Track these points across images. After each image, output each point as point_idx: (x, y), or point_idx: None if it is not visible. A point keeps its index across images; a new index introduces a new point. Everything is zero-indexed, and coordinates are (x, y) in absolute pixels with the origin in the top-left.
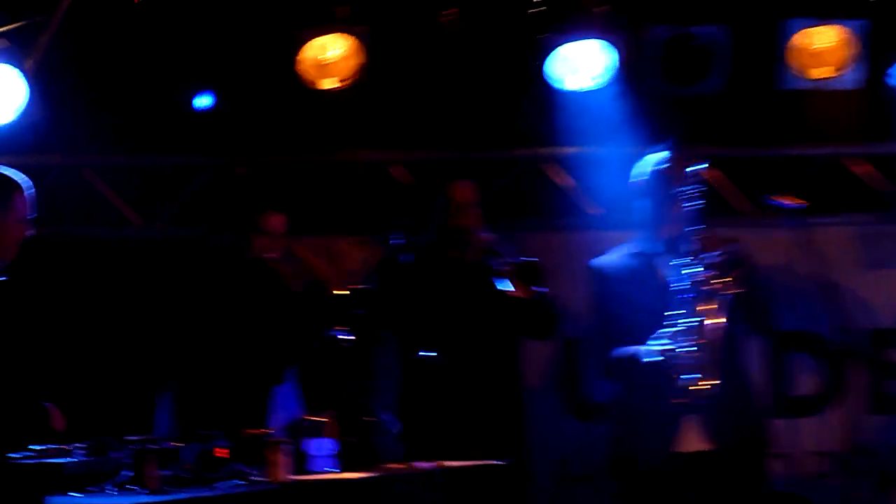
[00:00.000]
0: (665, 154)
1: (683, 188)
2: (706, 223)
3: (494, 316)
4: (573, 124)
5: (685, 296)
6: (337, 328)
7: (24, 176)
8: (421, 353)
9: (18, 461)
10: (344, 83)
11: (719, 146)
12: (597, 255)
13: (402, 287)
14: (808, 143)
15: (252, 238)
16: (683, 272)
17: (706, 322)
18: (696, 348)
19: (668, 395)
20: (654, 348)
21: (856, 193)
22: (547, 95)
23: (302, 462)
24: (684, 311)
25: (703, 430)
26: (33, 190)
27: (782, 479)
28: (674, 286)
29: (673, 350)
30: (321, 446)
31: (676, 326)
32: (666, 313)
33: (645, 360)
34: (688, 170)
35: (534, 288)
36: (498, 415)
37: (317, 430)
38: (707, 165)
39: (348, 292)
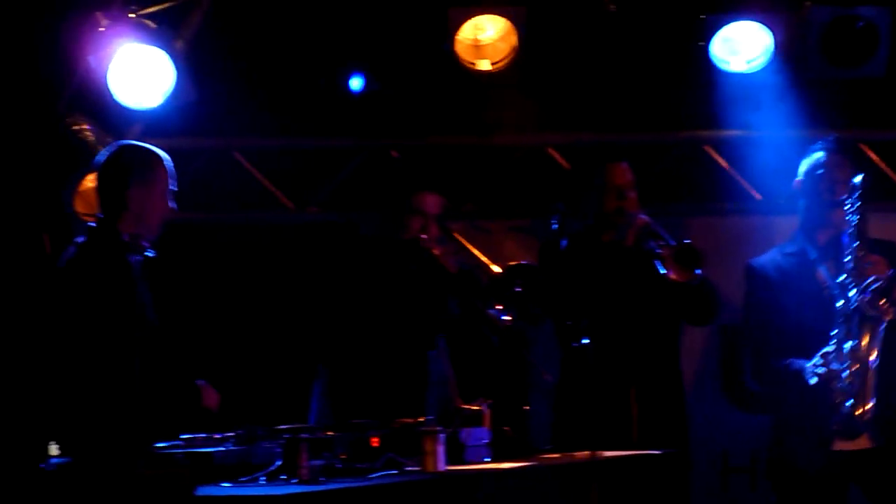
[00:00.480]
0: (823, 155)
1: (844, 197)
2: (866, 236)
3: (654, 301)
4: (735, 107)
5: (847, 315)
6: (495, 308)
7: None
8: (579, 342)
9: (169, 450)
10: (498, 65)
11: (882, 129)
12: (756, 241)
13: (560, 272)
14: None
15: (406, 218)
16: (848, 291)
17: (864, 346)
18: (855, 372)
19: (827, 419)
20: (817, 369)
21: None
22: (708, 77)
23: (457, 452)
24: (846, 331)
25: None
26: (172, 163)
27: None
28: (836, 302)
29: (836, 374)
30: (476, 436)
31: (838, 346)
32: (825, 327)
33: (809, 380)
34: (852, 180)
35: (694, 272)
36: (658, 404)
37: (471, 419)
38: (863, 177)
39: (505, 270)
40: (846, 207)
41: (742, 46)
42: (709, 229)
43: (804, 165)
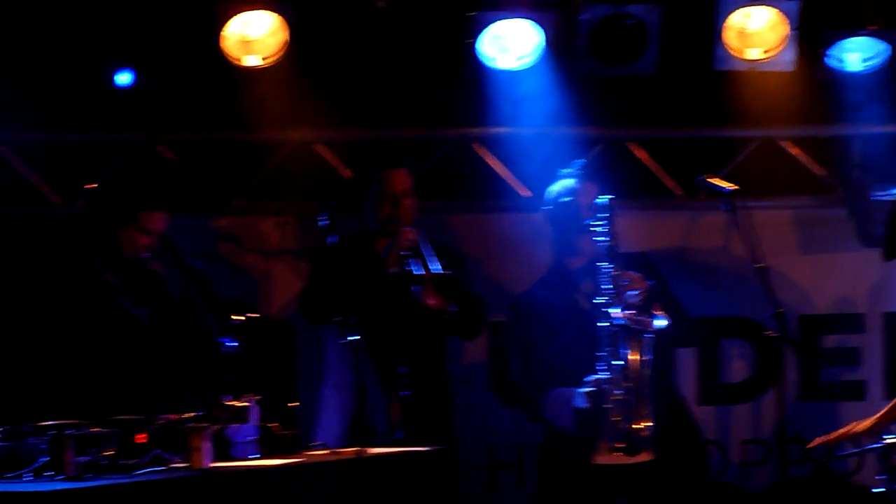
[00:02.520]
0: (569, 181)
1: (591, 221)
2: (618, 254)
3: (416, 316)
4: (504, 104)
5: (612, 334)
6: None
7: None
8: (347, 339)
9: None
10: (269, 61)
11: (652, 127)
12: (524, 238)
13: (326, 269)
14: (743, 125)
15: (130, 234)
16: (609, 311)
17: (634, 362)
18: (625, 390)
19: (604, 438)
20: (586, 392)
21: (792, 177)
22: (477, 74)
23: (224, 448)
24: (613, 351)
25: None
26: None
27: (714, 467)
28: (599, 323)
29: (604, 390)
30: (243, 432)
31: (605, 367)
32: (593, 351)
33: (579, 405)
34: (596, 201)
35: (450, 306)
36: (424, 402)
37: (239, 416)
38: (611, 198)
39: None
40: (595, 229)
41: (512, 44)
42: (478, 226)
43: (551, 193)
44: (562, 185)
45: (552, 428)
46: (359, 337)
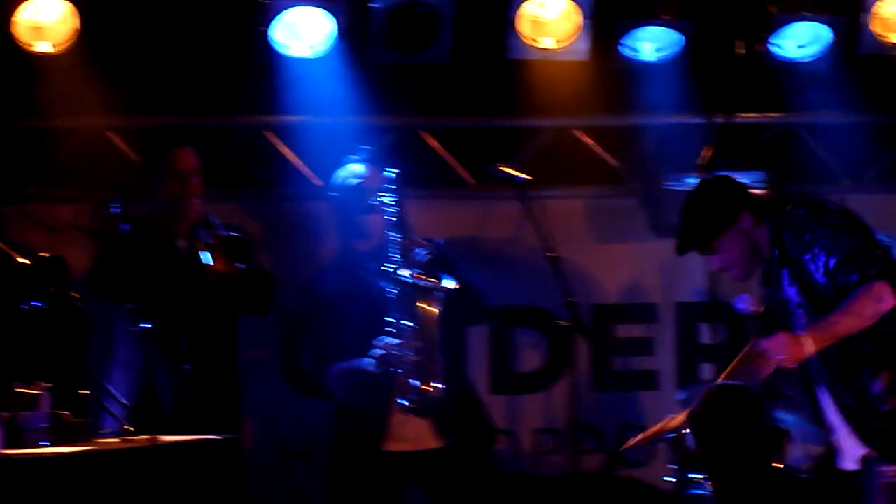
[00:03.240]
0: (358, 168)
1: (379, 200)
2: (408, 227)
3: (205, 291)
4: (297, 92)
5: (399, 299)
6: (30, 299)
7: None
8: (139, 326)
9: None
10: (59, 48)
11: (445, 116)
12: (316, 226)
13: (119, 257)
14: (536, 115)
15: None
16: (394, 277)
17: (423, 320)
18: (416, 350)
19: (394, 399)
20: (374, 356)
21: (585, 166)
22: (270, 62)
23: (16, 436)
24: (400, 315)
25: (427, 427)
26: None
27: (505, 457)
28: (387, 293)
29: (394, 354)
30: (34, 420)
31: (394, 331)
32: (381, 327)
33: (366, 369)
34: (383, 179)
35: (237, 264)
36: (212, 384)
37: (30, 403)
38: (398, 172)
39: (32, 262)
40: (383, 204)
41: (304, 32)
42: (270, 214)
43: (338, 178)
44: (348, 169)
45: (343, 412)
46: (150, 325)
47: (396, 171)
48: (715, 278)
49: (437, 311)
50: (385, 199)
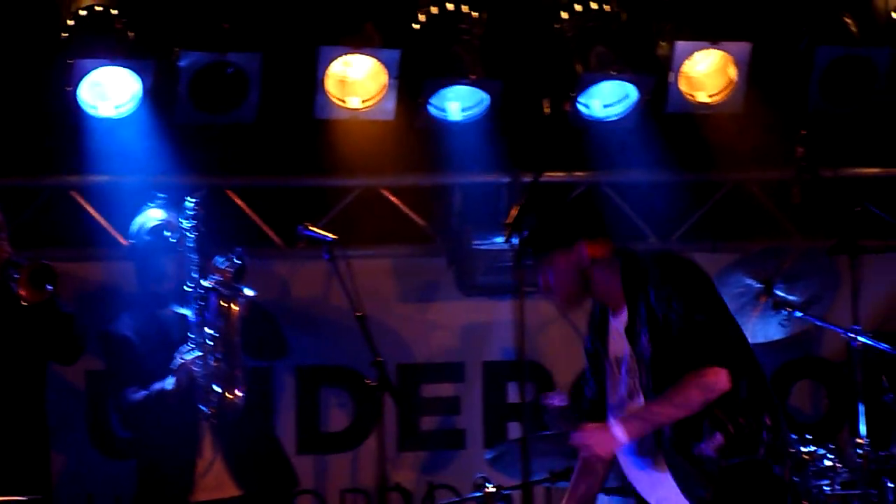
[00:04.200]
0: (155, 213)
1: (181, 238)
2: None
3: (14, 335)
4: (104, 152)
5: (199, 312)
6: None
7: None
8: None
9: None
10: None
11: (252, 175)
12: (122, 284)
13: None
14: (343, 174)
15: None
16: (195, 291)
17: (225, 326)
18: (216, 358)
19: (193, 413)
20: (173, 368)
21: (392, 225)
22: (78, 122)
23: None
24: (202, 321)
25: (228, 476)
26: None
27: None
28: (189, 321)
29: (194, 364)
30: None
31: (198, 338)
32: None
33: (163, 389)
34: (185, 203)
35: (45, 293)
36: (20, 448)
37: None
38: (197, 200)
39: None
40: (184, 226)
41: (110, 91)
42: (81, 274)
43: (135, 226)
44: (145, 215)
45: (147, 464)
46: None
47: (195, 199)
48: (522, 337)
49: (237, 309)
50: (184, 225)
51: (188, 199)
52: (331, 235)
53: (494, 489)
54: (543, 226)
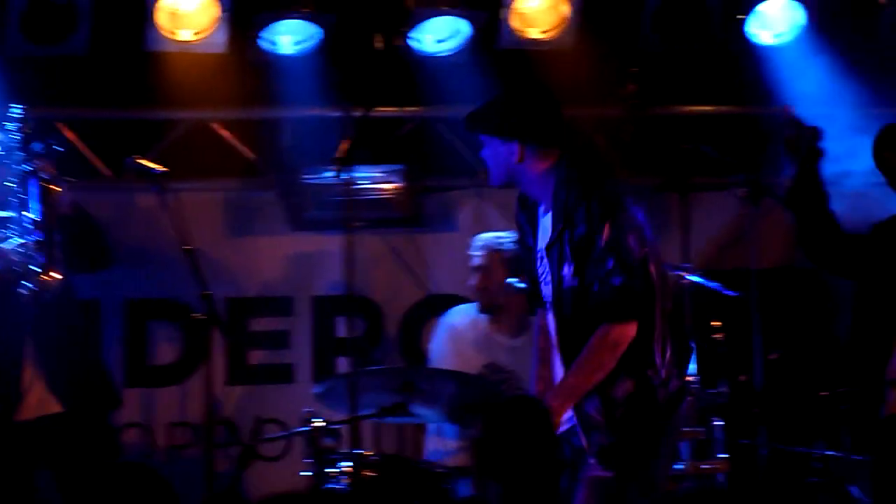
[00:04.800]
0: None
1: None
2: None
3: None
4: None
5: (17, 193)
6: None
7: None
8: None
9: None
10: None
11: (81, 108)
12: None
13: None
14: (173, 107)
15: None
16: (14, 169)
17: (43, 207)
18: (35, 241)
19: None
20: None
21: (222, 159)
22: None
23: None
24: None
25: (50, 392)
26: None
27: (137, 450)
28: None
29: (8, 248)
30: None
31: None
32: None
33: None
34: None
35: None
36: None
37: None
38: (23, 107)
39: None
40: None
41: None
42: None
43: None
44: None
45: None
46: None
47: (22, 106)
48: (351, 272)
49: (59, 190)
50: (9, 127)
51: (13, 105)
52: (160, 168)
53: (322, 424)
54: (496, 109)
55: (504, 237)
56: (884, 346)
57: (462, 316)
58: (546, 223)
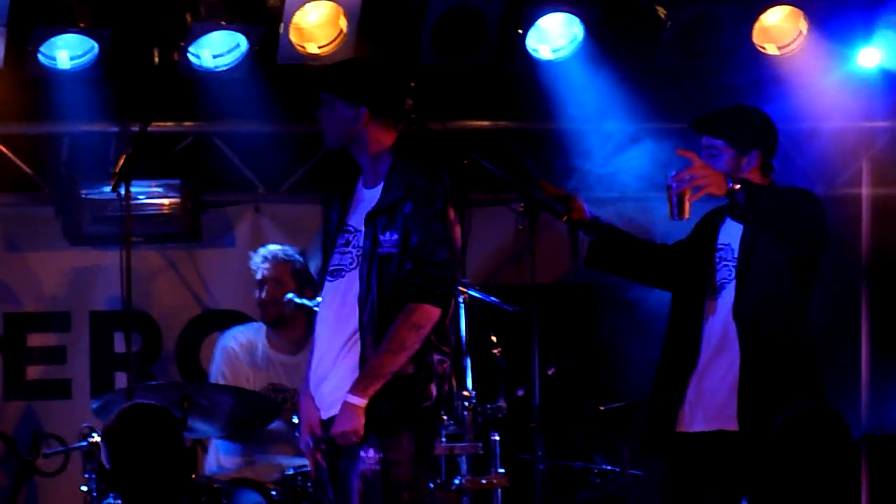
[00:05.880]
0: None
1: None
2: None
3: None
4: None
5: None
6: None
7: None
8: None
9: None
10: None
11: None
12: None
13: None
14: None
15: None
16: None
17: None
18: None
19: None
20: None
21: (1, 173)
22: None
23: None
24: None
25: None
26: None
27: None
28: None
29: None
30: None
31: None
32: None
33: None
34: None
35: None
36: None
37: None
38: None
39: None
40: None
41: None
42: None
43: None
44: None
45: None
46: None
47: None
48: (128, 287)
49: None
50: None
51: None
52: None
53: (100, 438)
54: (353, 72)
55: (290, 250)
56: (688, 360)
57: (239, 337)
58: (372, 195)
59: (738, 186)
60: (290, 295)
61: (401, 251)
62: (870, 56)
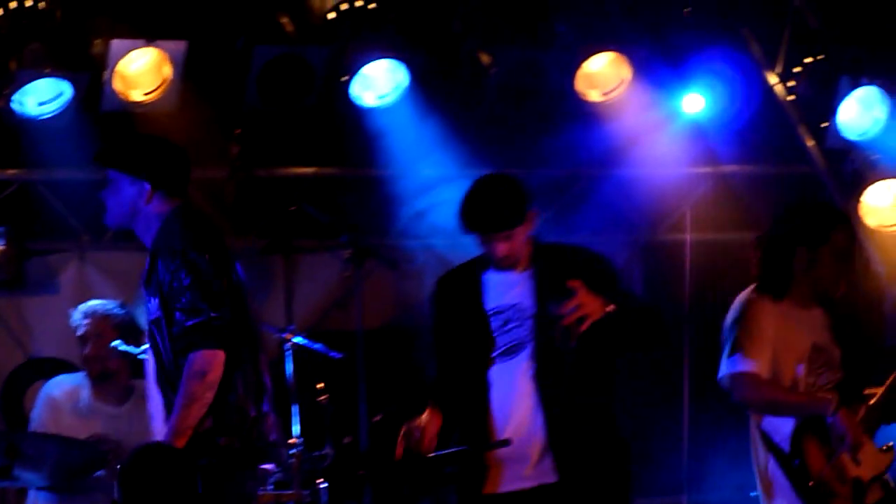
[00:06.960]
0: None
1: None
2: None
3: None
4: None
5: None
6: None
7: None
8: None
9: None
10: None
11: None
12: None
13: None
14: None
15: None
16: None
17: None
18: None
19: None
20: None
21: None
22: None
23: None
24: None
25: None
26: None
27: None
28: None
29: None
30: None
31: None
32: None
33: None
34: None
35: None
36: None
37: None
38: None
39: None
40: None
41: None
42: None
43: None
44: None
45: None
46: None
47: None
48: None
49: None
50: None
51: None
52: None
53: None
54: (133, 150)
55: (111, 304)
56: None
57: (62, 386)
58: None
59: (611, 308)
60: (115, 342)
61: (164, 312)
62: (693, 102)
